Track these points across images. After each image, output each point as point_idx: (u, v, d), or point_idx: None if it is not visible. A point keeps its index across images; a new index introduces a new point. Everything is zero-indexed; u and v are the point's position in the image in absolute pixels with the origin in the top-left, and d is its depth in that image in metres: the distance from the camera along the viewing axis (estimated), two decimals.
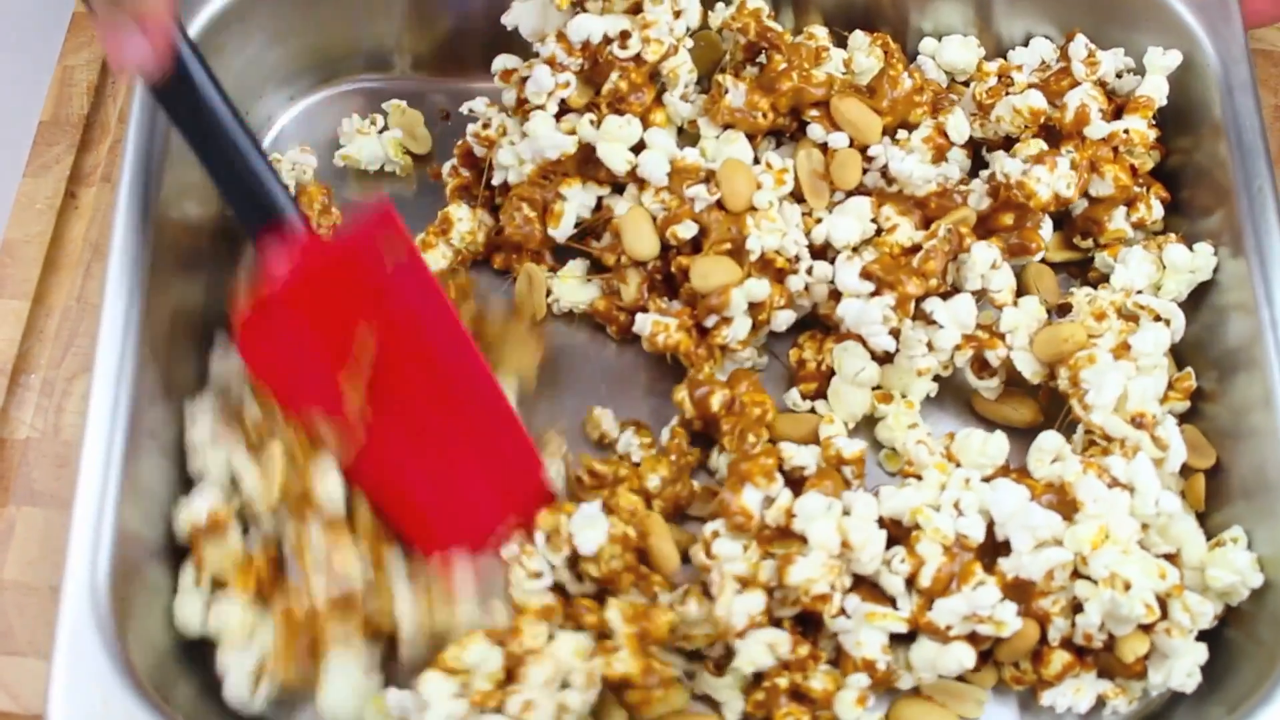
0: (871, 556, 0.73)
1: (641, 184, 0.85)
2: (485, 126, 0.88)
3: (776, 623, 0.74)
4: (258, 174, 0.72)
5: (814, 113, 0.86)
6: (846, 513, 0.74)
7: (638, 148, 0.85)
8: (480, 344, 0.78)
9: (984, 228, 0.85)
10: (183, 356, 0.80)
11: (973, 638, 0.72)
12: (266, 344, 0.73)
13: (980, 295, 0.82)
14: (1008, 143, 0.88)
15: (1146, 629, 0.73)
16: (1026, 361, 0.81)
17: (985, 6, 0.92)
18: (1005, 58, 0.92)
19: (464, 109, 0.91)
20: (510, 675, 0.71)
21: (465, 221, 0.87)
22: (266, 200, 0.73)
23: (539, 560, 0.75)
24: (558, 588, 0.76)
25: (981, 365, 0.82)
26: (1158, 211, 0.87)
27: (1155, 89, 0.87)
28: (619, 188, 0.87)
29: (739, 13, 0.88)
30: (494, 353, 0.81)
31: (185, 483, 0.77)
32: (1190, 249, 0.83)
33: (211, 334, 0.81)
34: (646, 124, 0.86)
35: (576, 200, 0.86)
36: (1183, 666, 0.73)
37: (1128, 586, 0.71)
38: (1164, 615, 0.72)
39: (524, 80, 0.86)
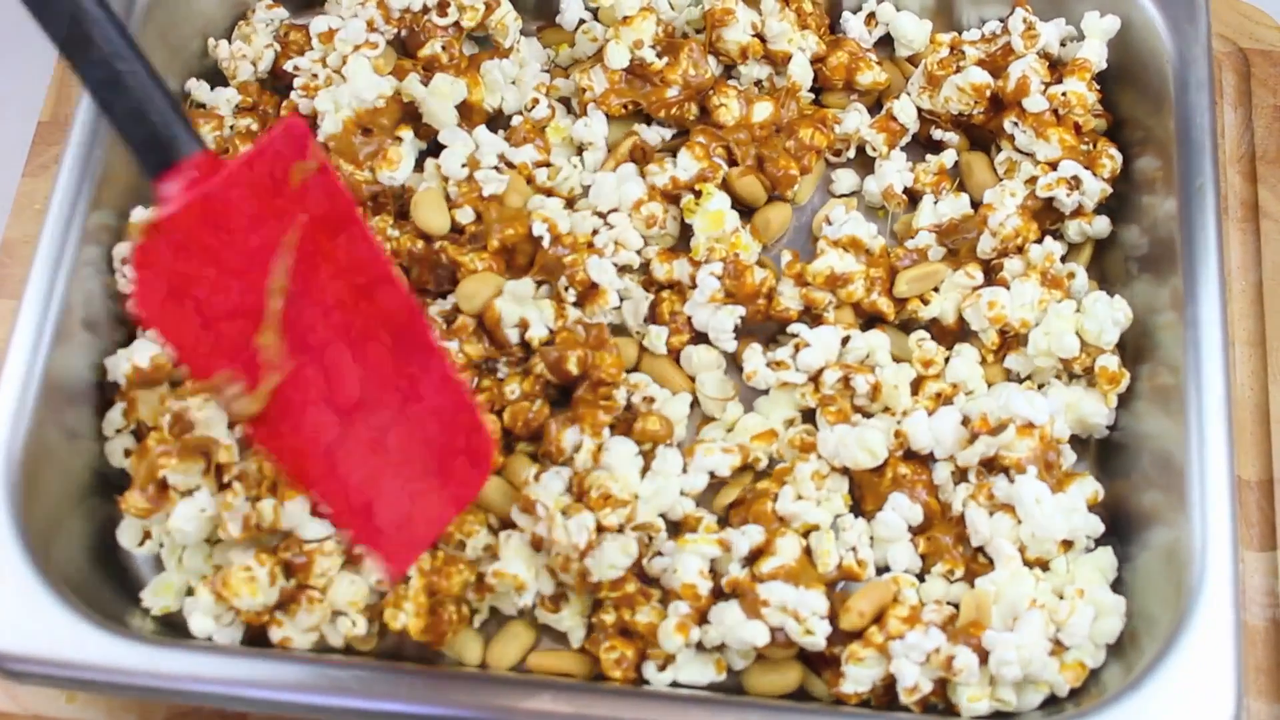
0: (665, 505, 0.76)
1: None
2: (313, 78, 0.88)
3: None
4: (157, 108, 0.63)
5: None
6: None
7: (461, 106, 0.87)
8: None
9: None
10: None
11: (779, 636, 0.73)
12: (165, 282, 0.63)
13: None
14: (957, 123, 0.90)
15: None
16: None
17: None
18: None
19: (289, 66, 0.90)
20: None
21: None
22: (166, 136, 0.63)
23: None
24: None
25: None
26: (1119, 160, 0.86)
27: (1093, 52, 0.88)
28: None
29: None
30: None
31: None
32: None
33: None
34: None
35: (411, 142, 0.86)
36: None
37: None
38: None
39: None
